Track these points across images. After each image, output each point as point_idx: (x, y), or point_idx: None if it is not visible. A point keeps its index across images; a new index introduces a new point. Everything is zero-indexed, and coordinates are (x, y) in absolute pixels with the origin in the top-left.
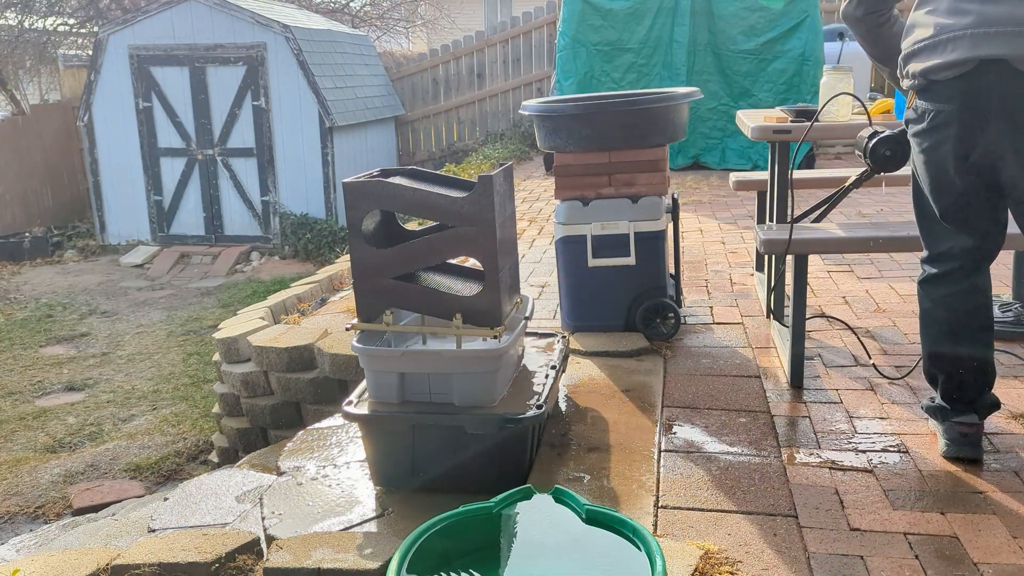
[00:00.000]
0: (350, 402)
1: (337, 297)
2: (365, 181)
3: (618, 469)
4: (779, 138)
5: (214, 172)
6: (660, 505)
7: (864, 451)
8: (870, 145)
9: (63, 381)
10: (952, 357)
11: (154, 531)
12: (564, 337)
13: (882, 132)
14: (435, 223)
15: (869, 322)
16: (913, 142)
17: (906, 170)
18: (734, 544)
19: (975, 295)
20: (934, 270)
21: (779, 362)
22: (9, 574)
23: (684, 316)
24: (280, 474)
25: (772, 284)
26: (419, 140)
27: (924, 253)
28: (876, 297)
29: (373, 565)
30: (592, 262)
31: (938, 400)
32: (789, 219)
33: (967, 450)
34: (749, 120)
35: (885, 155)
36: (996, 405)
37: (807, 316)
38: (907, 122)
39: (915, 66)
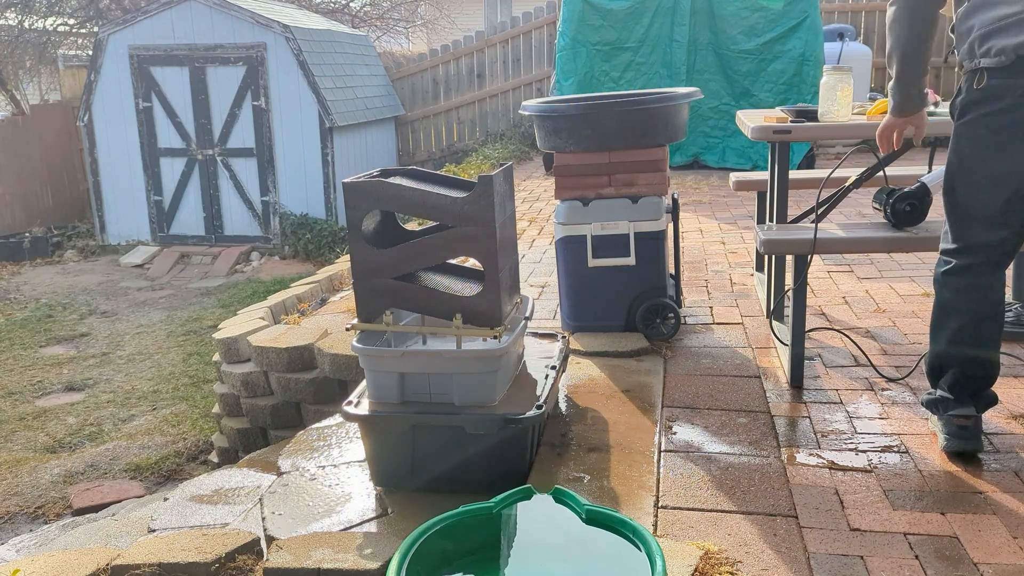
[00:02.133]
0: (350, 402)
1: (337, 297)
2: (365, 181)
3: (618, 469)
4: (779, 138)
5: (214, 172)
6: (660, 505)
7: (864, 451)
8: (890, 202)
9: (63, 381)
10: (966, 350)
11: (154, 531)
12: (564, 337)
13: (899, 189)
14: (435, 223)
15: (869, 322)
16: (978, 123)
17: (906, 169)
18: (734, 544)
19: (995, 290)
20: (961, 261)
21: (779, 362)
22: (9, 574)
23: (684, 316)
24: (280, 474)
25: (772, 284)
26: (419, 140)
27: (950, 245)
28: (876, 297)
29: (373, 565)
30: (592, 262)
31: (939, 392)
32: (814, 218)
33: (967, 443)
34: (749, 120)
35: (906, 210)
36: (995, 401)
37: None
38: (968, 105)
39: (1000, 43)
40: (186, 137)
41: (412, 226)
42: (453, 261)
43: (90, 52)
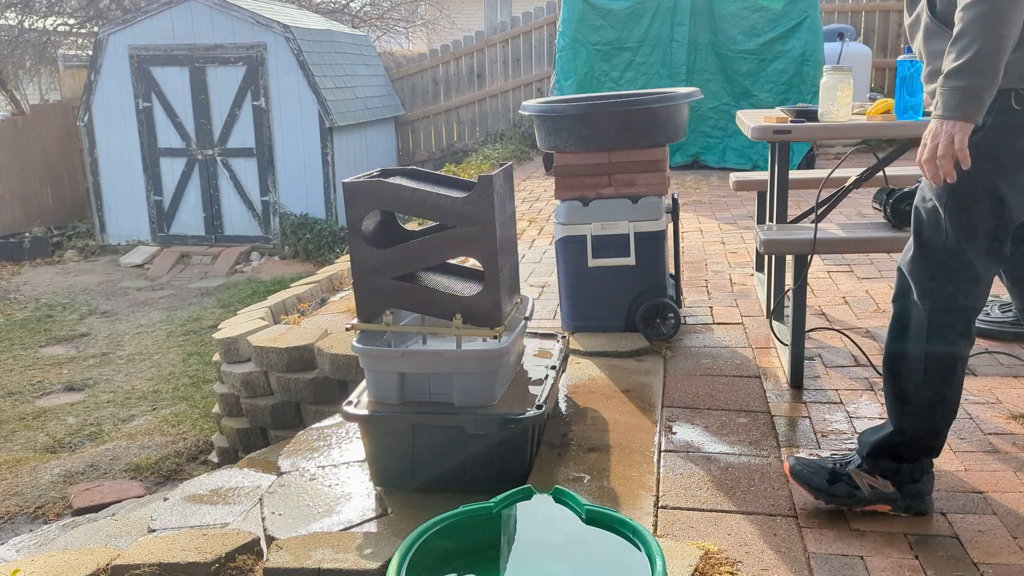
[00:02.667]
0: (350, 402)
1: (337, 297)
2: (365, 181)
3: (618, 469)
4: (779, 138)
5: (214, 172)
6: (660, 505)
7: None
8: (890, 202)
9: (63, 381)
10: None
11: (154, 531)
12: (564, 337)
13: (899, 189)
14: (435, 223)
15: (869, 322)
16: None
17: (906, 169)
18: (734, 544)
19: None
20: (965, 324)
21: (779, 362)
22: (9, 574)
23: (684, 316)
24: (280, 474)
25: (772, 284)
26: (419, 140)
27: (946, 306)
28: (876, 297)
29: (373, 565)
30: (592, 262)
31: (923, 460)
32: (814, 219)
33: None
34: (749, 120)
35: (906, 210)
36: None
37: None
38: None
39: None
40: (186, 137)
41: (412, 226)
42: (453, 261)
43: (90, 52)
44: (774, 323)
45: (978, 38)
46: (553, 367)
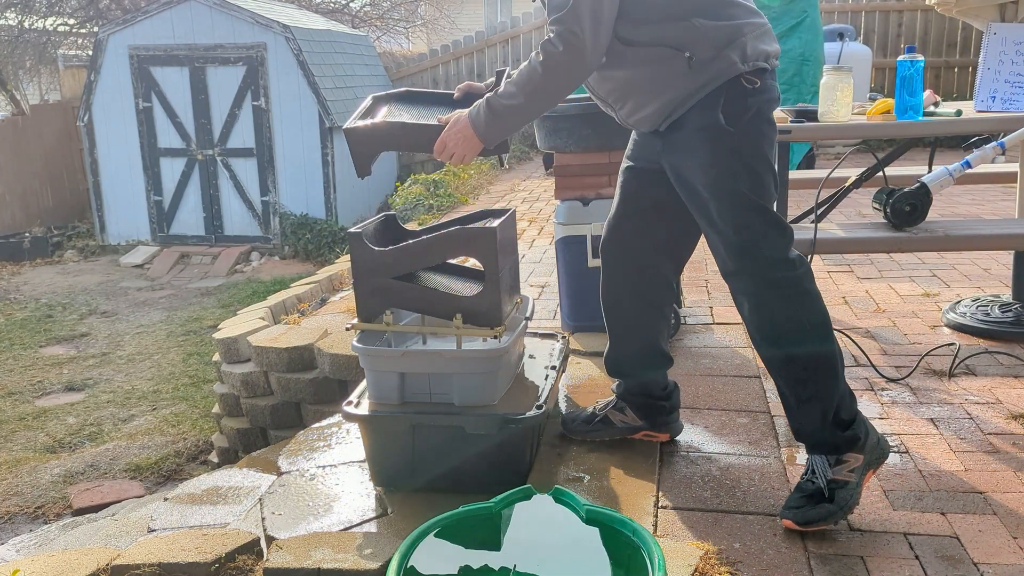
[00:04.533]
0: (350, 402)
1: (337, 297)
2: (365, 126)
3: (618, 469)
4: (779, 138)
5: (214, 172)
6: (660, 505)
7: None
8: (890, 202)
9: (63, 381)
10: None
11: (154, 531)
12: (564, 337)
13: (899, 189)
14: (435, 223)
15: (869, 322)
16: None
17: (906, 169)
18: (734, 544)
19: None
20: (805, 263)
21: None
22: (9, 574)
23: (684, 316)
24: (280, 474)
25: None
26: None
27: (790, 252)
28: (876, 297)
29: (373, 565)
30: (592, 262)
31: (860, 420)
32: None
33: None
34: None
35: (906, 210)
36: None
37: None
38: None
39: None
40: (186, 137)
41: (412, 226)
42: (453, 261)
43: (90, 52)
44: None
45: (522, 94)
46: (553, 367)
